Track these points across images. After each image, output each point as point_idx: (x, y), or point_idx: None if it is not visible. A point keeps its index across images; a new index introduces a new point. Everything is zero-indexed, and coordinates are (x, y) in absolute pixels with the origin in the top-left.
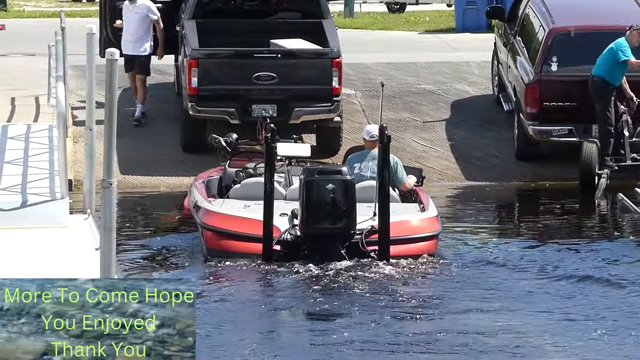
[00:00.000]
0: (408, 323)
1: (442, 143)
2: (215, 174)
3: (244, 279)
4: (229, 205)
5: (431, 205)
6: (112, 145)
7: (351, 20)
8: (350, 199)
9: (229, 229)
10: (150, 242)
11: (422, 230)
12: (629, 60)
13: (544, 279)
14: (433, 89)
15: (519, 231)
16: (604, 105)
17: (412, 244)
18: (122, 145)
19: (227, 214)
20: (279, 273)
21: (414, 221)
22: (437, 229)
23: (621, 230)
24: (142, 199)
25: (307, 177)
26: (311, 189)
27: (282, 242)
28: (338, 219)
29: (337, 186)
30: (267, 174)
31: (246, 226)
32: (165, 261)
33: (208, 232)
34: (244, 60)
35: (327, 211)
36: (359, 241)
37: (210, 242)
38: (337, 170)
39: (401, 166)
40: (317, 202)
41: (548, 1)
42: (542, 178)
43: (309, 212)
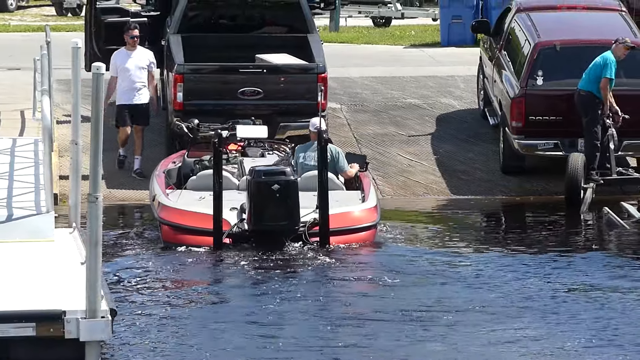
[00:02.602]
0: (344, 305)
1: (427, 157)
2: (177, 159)
3: (193, 268)
4: (184, 197)
5: (372, 194)
6: (98, 159)
7: (337, 34)
8: (293, 198)
9: (182, 223)
10: (136, 257)
11: (361, 221)
12: (602, 79)
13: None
14: (419, 103)
15: (502, 244)
16: (590, 119)
17: (352, 234)
18: (108, 160)
19: (181, 209)
20: (226, 261)
21: (353, 212)
22: (375, 219)
23: (606, 245)
24: (128, 213)
25: (253, 178)
26: (257, 189)
27: (231, 235)
28: (282, 217)
29: (282, 186)
30: (216, 176)
31: (199, 220)
32: (148, 277)
33: (164, 226)
34: (229, 76)
35: (272, 210)
36: (303, 233)
37: (166, 235)
38: (281, 171)
39: (342, 155)
40: (262, 201)
41: (534, 15)
42: (527, 192)
43: (255, 210)
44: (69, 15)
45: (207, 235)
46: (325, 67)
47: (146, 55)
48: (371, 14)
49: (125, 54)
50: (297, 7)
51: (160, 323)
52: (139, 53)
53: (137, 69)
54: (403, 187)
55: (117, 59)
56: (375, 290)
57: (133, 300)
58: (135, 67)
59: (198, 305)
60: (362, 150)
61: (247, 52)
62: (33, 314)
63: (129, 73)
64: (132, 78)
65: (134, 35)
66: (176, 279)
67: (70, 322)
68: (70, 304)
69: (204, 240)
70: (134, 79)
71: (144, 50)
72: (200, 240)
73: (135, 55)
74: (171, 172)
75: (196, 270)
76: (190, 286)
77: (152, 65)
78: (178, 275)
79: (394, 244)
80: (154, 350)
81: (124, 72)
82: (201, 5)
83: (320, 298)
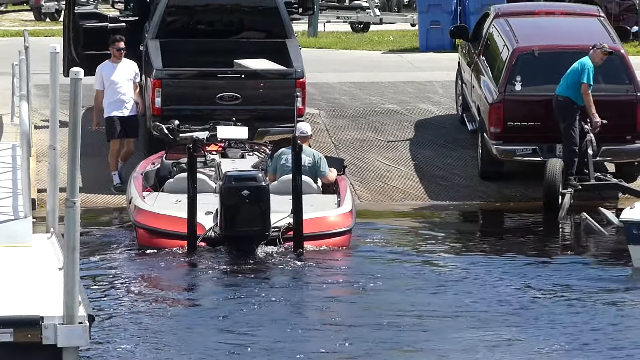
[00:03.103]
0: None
1: (405, 162)
2: (156, 161)
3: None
4: (160, 200)
5: (347, 199)
6: (76, 164)
7: (315, 40)
8: (264, 204)
9: (157, 227)
10: (113, 261)
11: (336, 226)
12: (582, 84)
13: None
14: (397, 108)
15: (479, 249)
16: (568, 125)
17: (326, 239)
18: (86, 165)
19: (156, 212)
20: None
21: (328, 217)
22: (350, 224)
23: (584, 251)
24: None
25: (224, 183)
26: (227, 195)
27: (206, 239)
28: (253, 223)
29: (252, 192)
30: (190, 180)
31: (174, 224)
32: (125, 282)
33: (139, 230)
34: (207, 81)
35: (242, 215)
36: (277, 238)
37: (142, 239)
38: (252, 176)
39: (324, 160)
40: (233, 207)
41: (512, 21)
42: (506, 197)
43: (226, 216)
44: (48, 20)
45: (181, 239)
46: (303, 72)
47: (131, 67)
48: (349, 19)
49: (111, 67)
50: (275, 12)
51: (137, 328)
52: (124, 65)
53: (124, 81)
54: (381, 192)
55: (103, 71)
56: (350, 295)
57: (110, 305)
58: (122, 79)
59: (173, 310)
60: (340, 156)
61: (226, 57)
62: (10, 320)
63: (116, 86)
64: (119, 90)
65: (120, 47)
66: (152, 283)
67: (48, 328)
68: (48, 310)
69: (179, 244)
70: (122, 91)
71: (129, 62)
72: (175, 244)
73: (121, 67)
74: (149, 174)
75: (171, 275)
76: (166, 291)
77: (136, 76)
78: (154, 280)
79: (369, 249)
80: (131, 356)
81: (112, 85)
82: (180, 10)
83: (294, 303)
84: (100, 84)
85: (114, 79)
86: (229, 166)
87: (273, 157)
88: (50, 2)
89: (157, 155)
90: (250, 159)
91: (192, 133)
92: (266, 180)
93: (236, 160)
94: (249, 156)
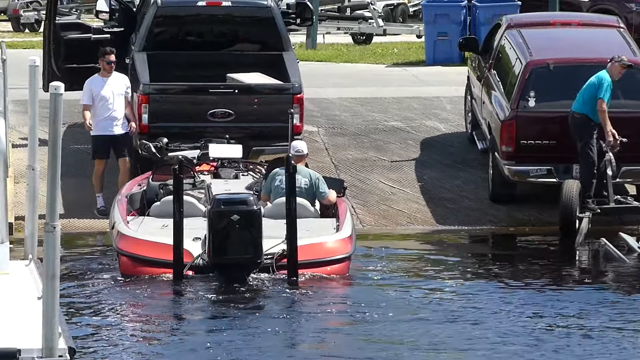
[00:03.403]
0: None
1: (411, 184)
2: (143, 182)
3: (153, 302)
4: (146, 225)
5: (347, 223)
6: (56, 186)
7: (314, 52)
8: (255, 229)
9: (141, 254)
10: (96, 291)
11: (334, 253)
12: (598, 100)
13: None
14: (401, 126)
15: (490, 277)
16: (585, 144)
17: (323, 266)
18: (67, 186)
19: (140, 238)
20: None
21: (325, 243)
22: (349, 250)
23: (603, 280)
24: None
25: (212, 207)
26: (216, 220)
27: (193, 267)
28: (244, 250)
29: (242, 217)
30: (176, 204)
31: (159, 251)
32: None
33: (123, 257)
34: (198, 96)
35: (232, 242)
36: (270, 265)
37: (125, 267)
38: (242, 200)
39: (322, 181)
40: (222, 233)
41: (525, 32)
42: (519, 222)
43: (215, 243)
44: (27, 31)
45: (167, 267)
46: (301, 87)
47: (122, 81)
48: (351, 30)
49: (100, 81)
50: (271, 23)
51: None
52: (115, 79)
53: (115, 97)
54: (385, 216)
55: (92, 86)
56: (348, 327)
57: (92, 337)
58: (112, 95)
59: (158, 342)
60: (340, 176)
61: (218, 71)
62: None
63: (106, 102)
64: (110, 107)
65: (111, 60)
66: (136, 315)
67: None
68: (25, 342)
69: (164, 272)
70: (113, 108)
71: (120, 76)
72: (160, 272)
73: (112, 81)
74: (134, 197)
75: (156, 306)
76: (150, 323)
77: (128, 91)
78: (138, 311)
79: (370, 277)
80: None
81: (102, 101)
82: (168, 21)
83: (287, 335)
84: (88, 98)
85: (104, 95)
86: (221, 187)
87: (267, 178)
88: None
89: (143, 176)
90: (245, 180)
91: (182, 152)
92: (258, 204)
93: (229, 181)
94: (243, 176)
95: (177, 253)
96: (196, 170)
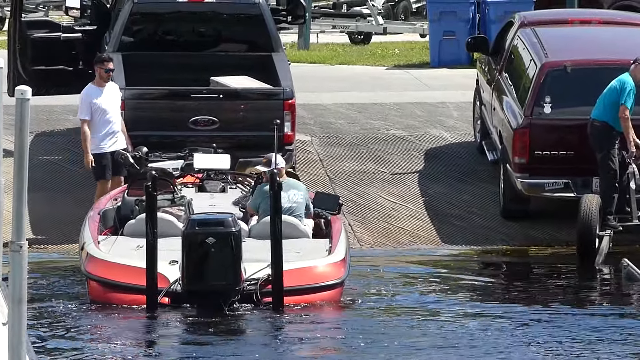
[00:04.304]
0: None
1: (414, 199)
2: (119, 196)
3: (126, 332)
4: (118, 246)
5: (341, 244)
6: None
7: (307, 53)
8: (234, 253)
9: (112, 279)
10: (66, 316)
11: (325, 278)
12: (620, 106)
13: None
14: (403, 134)
15: (500, 302)
16: (606, 154)
17: (312, 293)
18: (35, 201)
19: (110, 261)
20: (162, 325)
21: (315, 267)
22: (342, 275)
23: (625, 303)
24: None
25: (187, 229)
26: (190, 243)
27: (169, 294)
28: (221, 276)
29: (219, 240)
30: (149, 224)
31: (131, 276)
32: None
33: (91, 282)
34: (178, 102)
35: (207, 267)
36: (254, 293)
37: (94, 292)
38: (219, 221)
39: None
40: (196, 257)
41: (540, 31)
42: (533, 241)
43: (188, 267)
44: None
45: (140, 293)
46: (292, 92)
47: (116, 90)
48: (347, 29)
49: (97, 92)
50: (259, 21)
51: None
52: (110, 89)
53: (113, 109)
54: (385, 234)
55: (90, 98)
56: (340, 356)
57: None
58: (111, 107)
59: None
60: (336, 191)
61: (201, 74)
62: None
63: (105, 115)
64: (109, 120)
65: (109, 68)
66: (108, 343)
67: None
68: None
69: (137, 299)
70: (111, 121)
71: (114, 85)
72: (133, 299)
73: (107, 92)
74: (107, 214)
75: (128, 336)
76: (122, 352)
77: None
78: (109, 340)
79: (366, 303)
80: None
81: (100, 114)
82: (146, 18)
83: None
84: (87, 112)
85: (102, 107)
86: (205, 202)
87: (255, 190)
88: None
89: (118, 190)
90: (232, 194)
91: (163, 162)
92: (238, 224)
93: (215, 194)
94: (230, 190)
95: (151, 278)
96: (177, 183)
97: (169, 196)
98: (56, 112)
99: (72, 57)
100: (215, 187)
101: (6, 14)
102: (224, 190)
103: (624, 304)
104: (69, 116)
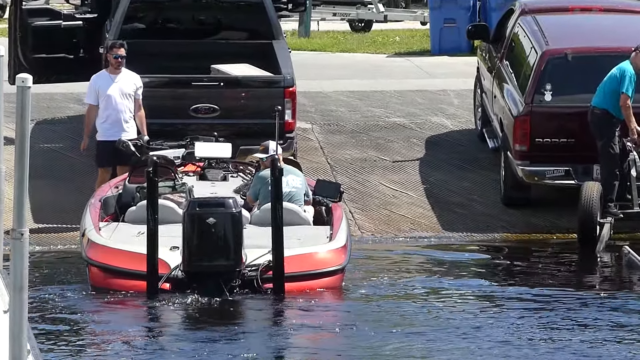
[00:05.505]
0: None
1: (415, 187)
2: (120, 184)
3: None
4: (119, 233)
5: (341, 231)
6: (24, 189)
7: (307, 41)
8: (234, 234)
9: (113, 264)
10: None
11: (326, 264)
12: (621, 94)
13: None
14: (404, 122)
15: (500, 289)
16: (606, 142)
17: (313, 279)
18: (37, 189)
19: (111, 247)
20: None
21: (316, 254)
22: (343, 261)
23: (626, 291)
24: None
25: (187, 210)
26: (190, 224)
27: (170, 280)
28: (219, 256)
29: (219, 220)
30: (150, 210)
31: (132, 262)
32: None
33: (92, 268)
34: (179, 90)
35: (207, 248)
36: (255, 278)
37: (95, 278)
38: (220, 202)
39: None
40: (197, 237)
41: (541, 18)
42: (533, 228)
43: (189, 248)
44: None
45: (141, 279)
46: (293, 79)
47: (132, 79)
48: (348, 17)
49: (107, 78)
50: (260, 9)
51: None
52: (124, 77)
53: (123, 97)
54: (386, 222)
55: (98, 84)
56: (339, 344)
57: (63, 354)
58: (120, 95)
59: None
60: (337, 179)
61: (201, 61)
62: None
63: (113, 102)
64: (117, 108)
65: (119, 54)
66: (109, 331)
67: None
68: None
69: (138, 285)
70: (120, 109)
71: (129, 74)
72: (134, 285)
73: (120, 79)
74: (109, 201)
75: (130, 322)
76: (123, 339)
77: (139, 93)
78: (111, 327)
79: (366, 290)
80: None
81: (108, 100)
82: (146, 6)
83: (273, 353)
84: (93, 98)
85: (110, 94)
86: (206, 190)
87: (255, 178)
88: None
89: (120, 178)
90: (233, 182)
91: (164, 151)
92: (238, 206)
93: (216, 183)
94: (232, 178)
95: (152, 264)
96: (178, 171)
97: (170, 183)
98: (57, 99)
99: (73, 45)
100: (217, 176)
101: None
102: (225, 179)
103: (624, 290)
104: (69, 104)
